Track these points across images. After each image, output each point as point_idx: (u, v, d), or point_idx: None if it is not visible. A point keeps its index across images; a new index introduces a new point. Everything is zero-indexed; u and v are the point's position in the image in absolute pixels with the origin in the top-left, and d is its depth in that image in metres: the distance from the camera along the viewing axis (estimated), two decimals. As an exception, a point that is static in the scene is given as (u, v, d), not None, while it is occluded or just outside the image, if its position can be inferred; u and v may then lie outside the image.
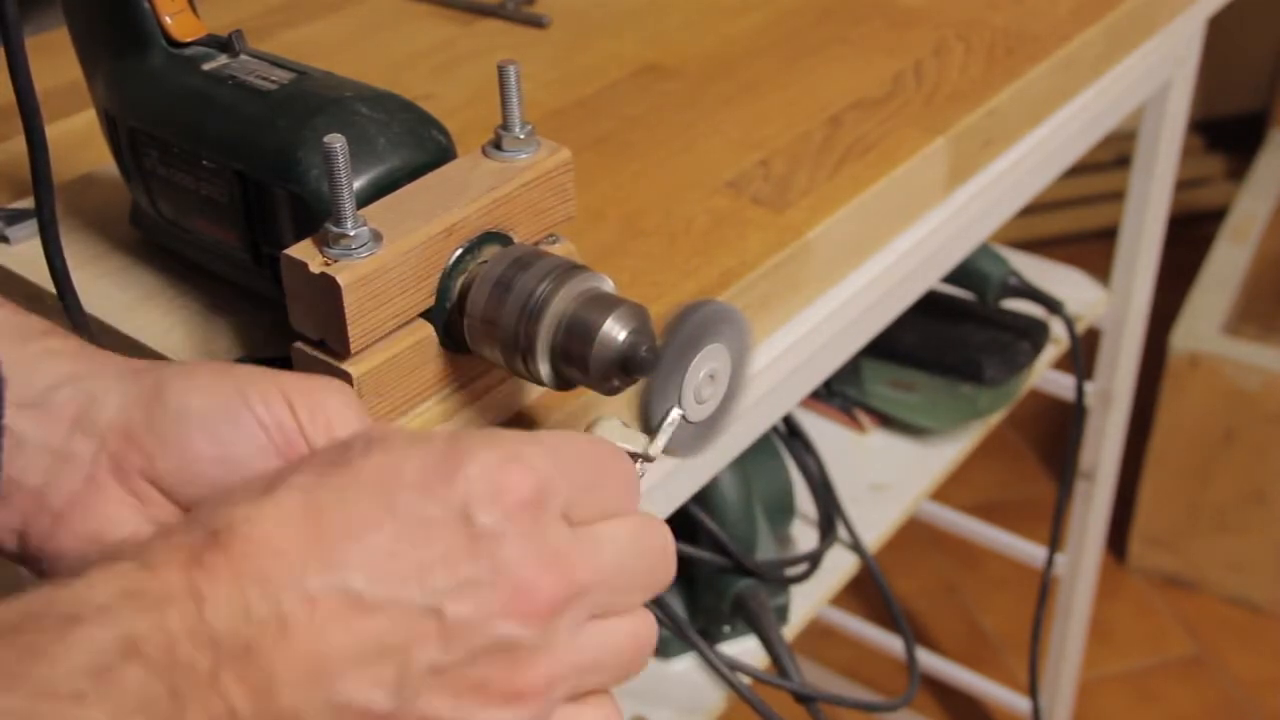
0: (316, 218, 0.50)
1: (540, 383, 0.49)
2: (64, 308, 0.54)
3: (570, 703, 0.38)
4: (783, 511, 0.94)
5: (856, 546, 0.95)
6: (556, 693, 0.36)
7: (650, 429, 0.46)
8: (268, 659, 0.33)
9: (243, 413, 0.41)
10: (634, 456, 0.47)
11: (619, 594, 0.38)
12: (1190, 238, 2.07)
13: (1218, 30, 1.25)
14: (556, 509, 0.37)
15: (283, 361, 0.51)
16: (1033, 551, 1.30)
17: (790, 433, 0.97)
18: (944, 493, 1.19)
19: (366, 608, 0.34)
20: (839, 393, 1.09)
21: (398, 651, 0.34)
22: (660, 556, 0.40)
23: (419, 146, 0.53)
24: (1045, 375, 1.16)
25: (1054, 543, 1.13)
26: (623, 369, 0.46)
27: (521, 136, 0.52)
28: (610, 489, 0.39)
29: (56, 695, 0.30)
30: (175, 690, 0.31)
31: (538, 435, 0.38)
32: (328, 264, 0.46)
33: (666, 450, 0.47)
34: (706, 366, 0.47)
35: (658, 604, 0.78)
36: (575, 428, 0.55)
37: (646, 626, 0.39)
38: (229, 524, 0.34)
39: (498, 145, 0.52)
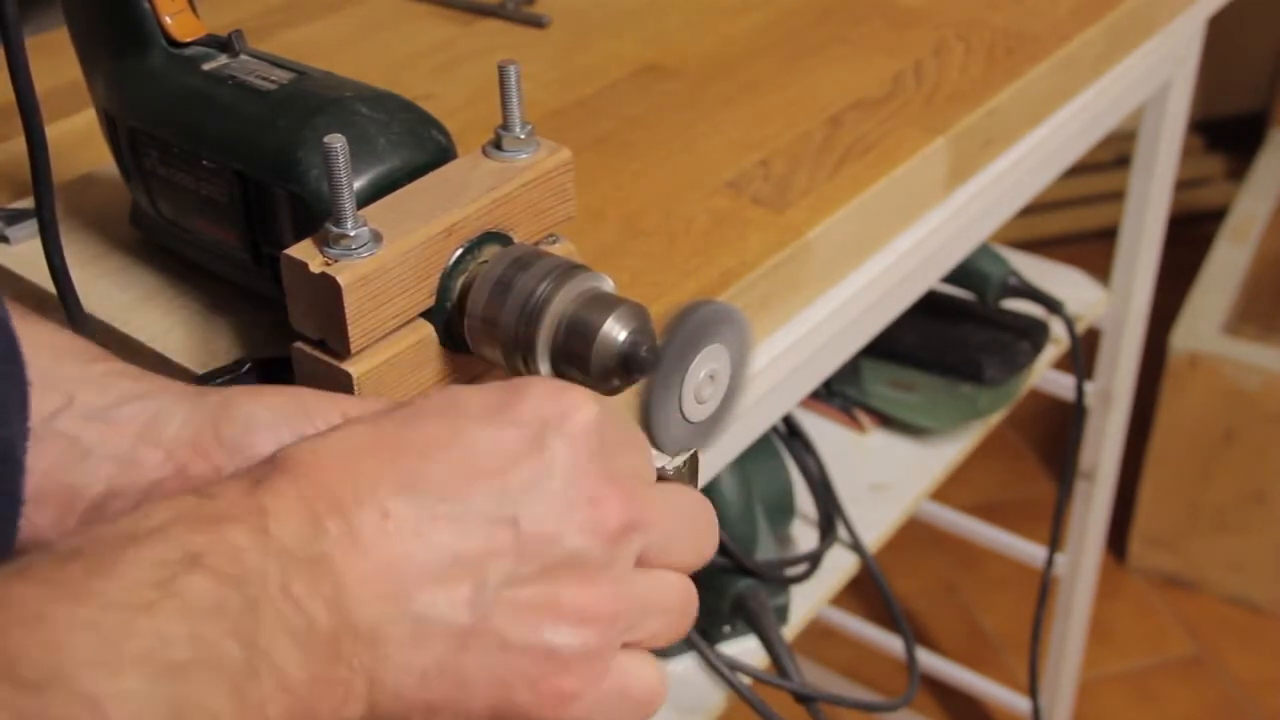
0: (316, 218, 0.50)
1: (540, 383, 0.48)
2: (64, 307, 0.54)
3: (627, 651, 0.38)
4: (783, 511, 0.94)
5: (856, 546, 0.95)
6: (619, 625, 0.37)
7: (649, 428, 0.46)
8: (341, 572, 0.33)
9: (305, 423, 0.41)
10: None
11: (674, 543, 0.39)
12: (1190, 238, 2.07)
13: (1218, 30, 1.25)
14: (613, 445, 0.38)
15: (283, 361, 0.51)
16: (1033, 551, 1.30)
17: (790, 433, 0.97)
18: (944, 493, 1.19)
19: (441, 521, 0.34)
20: (839, 393, 1.09)
21: (474, 564, 0.34)
22: (708, 529, 0.41)
23: (419, 146, 0.53)
24: (1045, 375, 1.16)
25: (1054, 543, 1.13)
26: (623, 369, 0.46)
27: (522, 136, 0.52)
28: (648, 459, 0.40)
29: (127, 606, 0.30)
30: (247, 597, 0.31)
31: None
32: (328, 264, 0.46)
33: (667, 447, 0.47)
34: (707, 367, 0.46)
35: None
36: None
37: (692, 589, 0.41)
38: (292, 454, 0.35)
39: (498, 145, 0.52)
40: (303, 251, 0.47)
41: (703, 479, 0.70)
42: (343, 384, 0.48)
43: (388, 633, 0.33)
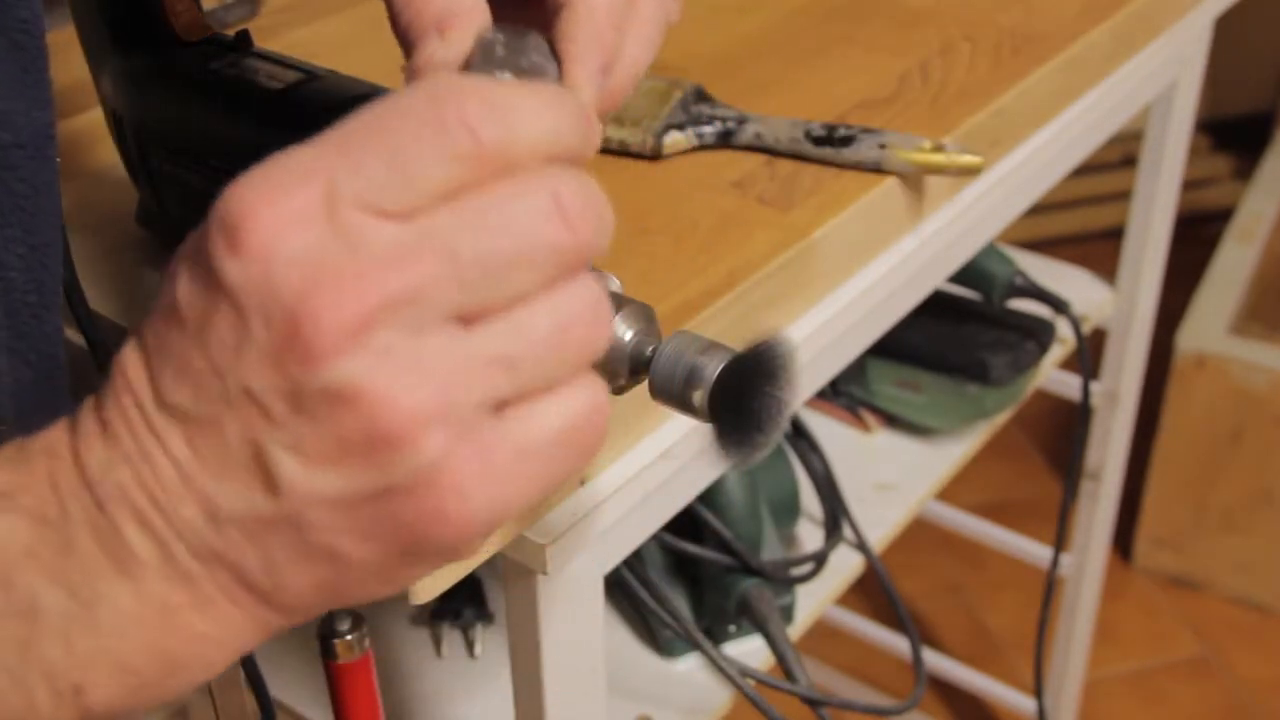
0: (323, 217, 0.50)
1: (546, 382, 0.48)
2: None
3: (515, 407, 0.32)
4: (788, 511, 0.94)
5: (862, 546, 0.95)
6: (465, 406, 0.31)
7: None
8: (148, 485, 0.32)
9: None
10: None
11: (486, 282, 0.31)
12: (1197, 238, 2.06)
13: (1225, 30, 1.25)
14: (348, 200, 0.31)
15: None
16: (1038, 552, 1.29)
17: (796, 432, 0.97)
18: (950, 493, 1.19)
19: (195, 421, 0.31)
20: (845, 392, 1.09)
21: (246, 451, 0.31)
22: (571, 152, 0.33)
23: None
24: (1051, 375, 1.16)
25: (1059, 543, 1.13)
26: (629, 369, 0.46)
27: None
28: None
29: None
30: (63, 536, 0.31)
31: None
32: (334, 263, 0.46)
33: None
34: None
35: (664, 607, 0.78)
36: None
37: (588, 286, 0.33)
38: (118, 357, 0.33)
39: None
40: (309, 251, 0.47)
41: (708, 478, 0.70)
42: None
43: (214, 542, 0.32)
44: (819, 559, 0.90)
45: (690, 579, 0.87)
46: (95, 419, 0.33)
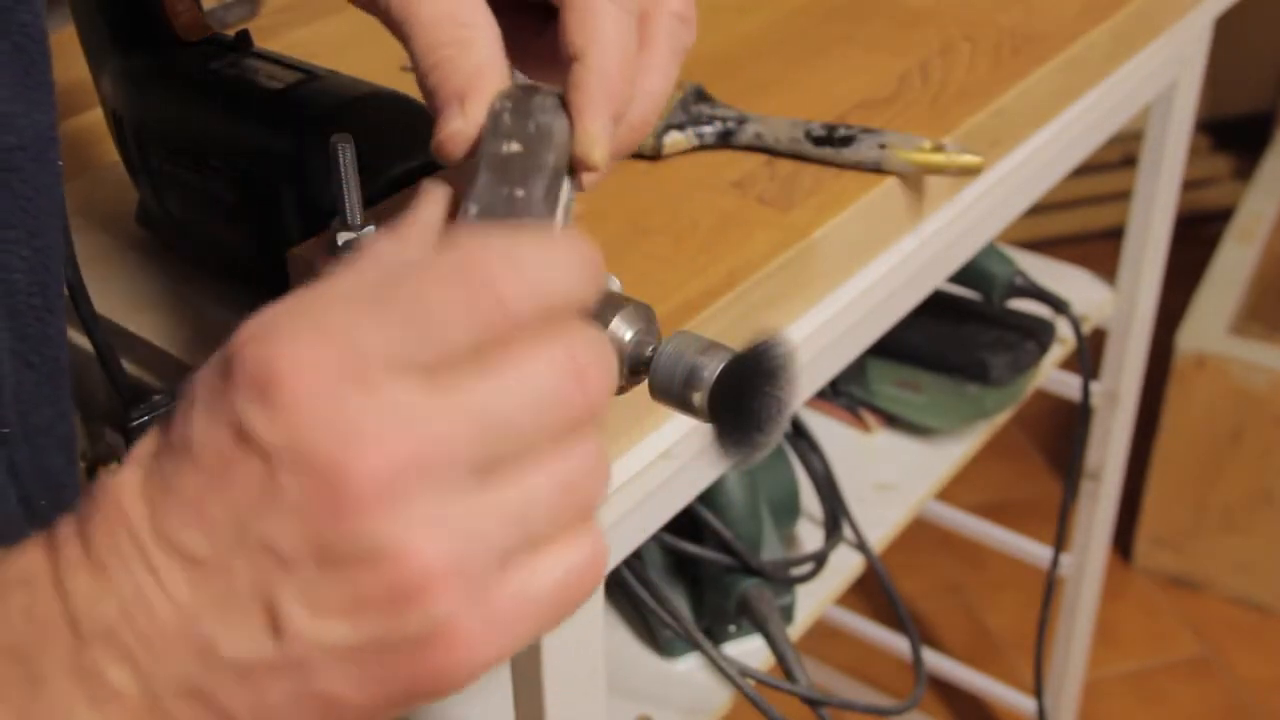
0: (323, 217, 0.50)
1: (546, 382, 0.48)
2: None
3: (515, 563, 0.33)
4: (788, 511, 0.94)
5: (862, 546, 0.95)
6: (472, 569, 0.31)
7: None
8: (141, 627, 0.31)
9: None
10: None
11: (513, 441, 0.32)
12: (1197, 238, 2.06)
13: (1225, 30, 1.25)
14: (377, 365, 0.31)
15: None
16: (1038, 552, 1.29)
17: (796, 432, 0.97)
18: (949, 493, 1.19)
19: (203, 564, 0.31)
20: (845, 392, 1.09)
21: (257, 598, 0.31)
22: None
23: (425, 146, 0.53)
24: (1051, 375, 1.16)
25: (1059, 543, 1.13)
26: (629, 369, 0.46)
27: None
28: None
29: None
30: (30, 673, 0.30)
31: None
32: (335, 263, 0.46)
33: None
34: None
35: (664, 607, 0.78)
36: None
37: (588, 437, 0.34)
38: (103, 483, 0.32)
39: (504, 145, 0.52)
40: (310, 250, 0.47)
41: (709, 478, 0.70)
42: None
43: (204, 682, 0.31)
44: (819, 559, 0.90)
45: (690, 579, 0.87)
46: (79, 544, 0.32)
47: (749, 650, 0.86)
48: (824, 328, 0.67)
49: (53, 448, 0.44)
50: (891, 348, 1.04)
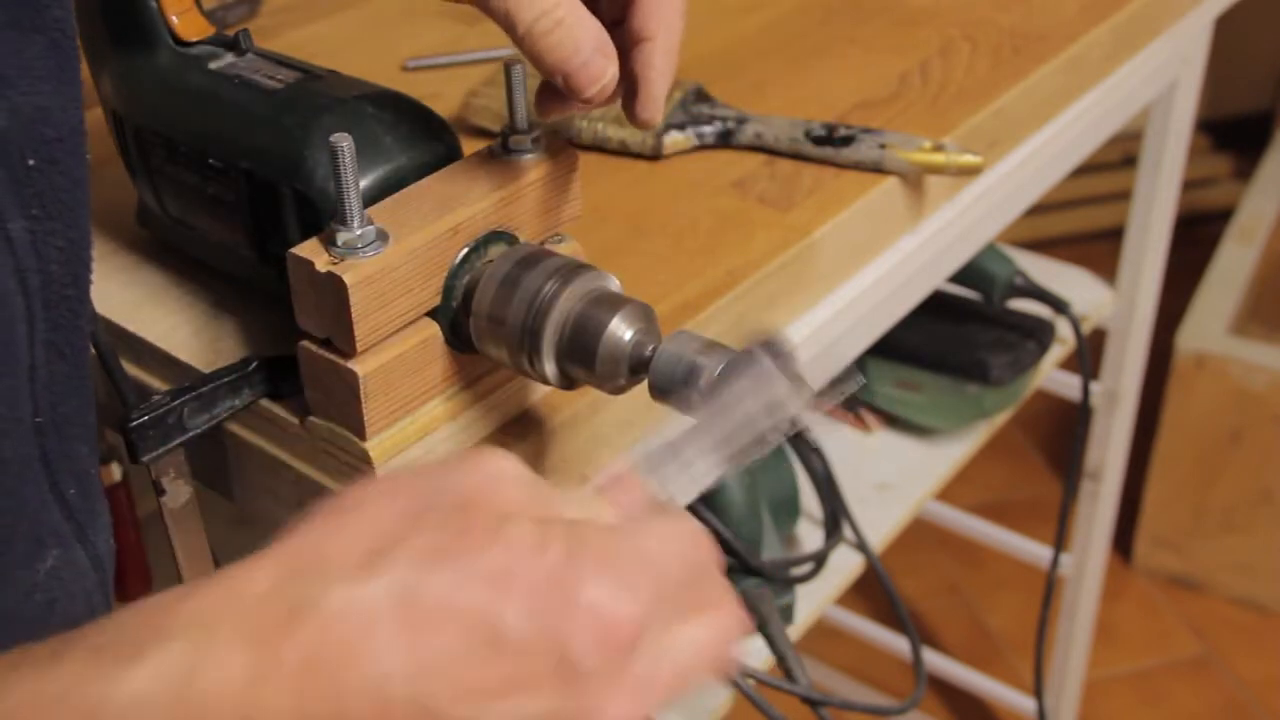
0: (323, 216, 0.50)
1: (546, 382, 0.49)
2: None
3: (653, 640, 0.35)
4: (788, 511, 0.94)
5: (862, 546, 0.95)
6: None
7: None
8: None
9: None
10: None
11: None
12: (1197, 238, 2.06)
13: (1225, 30, 1.25)
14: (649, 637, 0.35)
15: (289, 360, 0.51)
16: (1038, 552, 1.29)
17: (796, 433, 0.97)
18: (949, 493, 1.19)
19: None
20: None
21: None
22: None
23: (425, 146, 0.53)
24: (1051, 375, 1.16)
25: (1059, 543, 1.13)
26: (629, 368, 0.46)
27: (528, 136, 0.52)
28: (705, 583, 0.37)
29: None
30: None
31: (645, 532, 0.36)
32: (334, 263, 0.46)
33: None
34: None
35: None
36: (579, 428, 0.55)
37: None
38: (312, 601, 0.31)
39: (504, 145, 0.52)
40: (309, 250, 0.47)
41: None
42: (349, 382, 0.48)
43: None
44: (819, 559, 0.90)
45: (690, 579, 0.87)
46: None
47: (749, 650, 0.86)
48: (824, 328, 0.67)
49: (79, 437, 0.44)
50: (892, 348, 1.04)
